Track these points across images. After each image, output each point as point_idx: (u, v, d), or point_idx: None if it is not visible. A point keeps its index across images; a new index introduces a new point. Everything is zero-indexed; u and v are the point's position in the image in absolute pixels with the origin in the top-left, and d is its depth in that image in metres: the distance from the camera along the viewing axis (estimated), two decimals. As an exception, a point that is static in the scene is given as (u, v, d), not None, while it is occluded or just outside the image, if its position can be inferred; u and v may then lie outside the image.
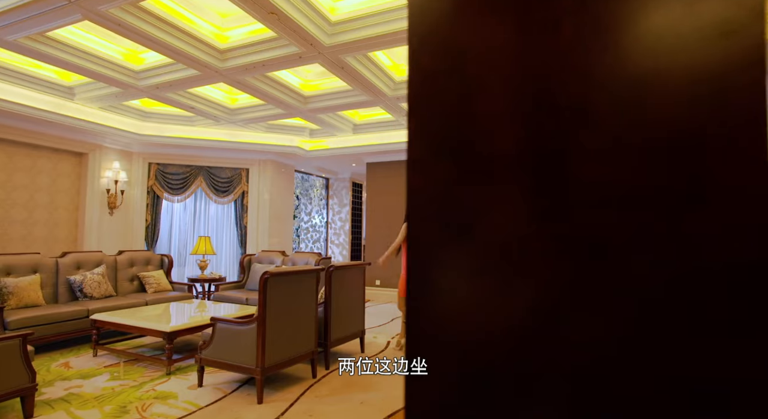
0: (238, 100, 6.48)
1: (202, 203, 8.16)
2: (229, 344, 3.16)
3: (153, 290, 5.50)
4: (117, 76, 4.96)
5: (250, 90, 5.34)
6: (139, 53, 5.00)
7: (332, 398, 3.16)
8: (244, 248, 8.02)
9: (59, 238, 6.42)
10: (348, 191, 10.43)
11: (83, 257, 5.09)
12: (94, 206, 6.72)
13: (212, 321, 3.24)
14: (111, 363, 3.93)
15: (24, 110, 5.34)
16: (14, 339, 2.66)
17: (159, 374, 3.61)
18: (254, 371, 3.02)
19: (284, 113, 6.32)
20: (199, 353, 3.30)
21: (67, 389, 3.24)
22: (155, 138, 7.03)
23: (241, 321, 3.13)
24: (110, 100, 5.77)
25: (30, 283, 4.34)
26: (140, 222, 7.39)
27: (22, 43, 4.14)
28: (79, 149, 6.57)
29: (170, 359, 3.60)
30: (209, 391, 3.24)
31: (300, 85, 5.74)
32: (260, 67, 4.63)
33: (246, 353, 3.06)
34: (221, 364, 3.20)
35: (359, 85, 5.17)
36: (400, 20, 3.79)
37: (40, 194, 6.16)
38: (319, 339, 3.69)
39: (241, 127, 7.19)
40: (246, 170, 8.14)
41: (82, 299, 4.81)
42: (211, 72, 4.77)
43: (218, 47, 4.47)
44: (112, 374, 3.60)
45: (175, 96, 5.71)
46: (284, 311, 3.24)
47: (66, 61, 4.49)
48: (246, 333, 3.07)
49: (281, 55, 4.36)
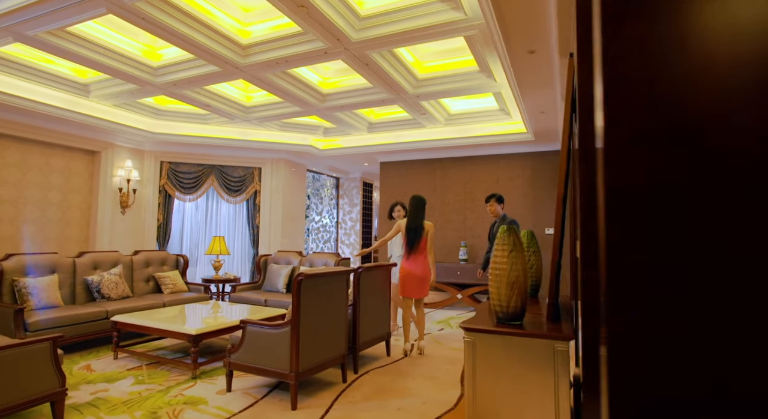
0: (253, 98, 6.38)
1: (213, 203, 8.06)
2: (261, 348, 3.05)
3: (169, 290, 5.40)
4: (134, 72, 4.86)
5: (269, 87, 5.24)
6: (157, 49, 4.91)
7: (367, 404, 3.06)
8: (256, 249, 7.91)
9: (71, 237, 6.32)
10: (359, 190, 10.33)
11: (100, 257, 4.99)
12: (106, 205, 6.62)
13: (242, 324, 3.14)
14: (133, 366, 3.83)
15: (38, 107, 5.24)
16: (44, 342, 2.56)
17: (184, 378, 3.51)
18: (288, 376, 2.92)
19: (301, 111, 6.21)
20: (228, 357, 3.20)
21: (94, 393, 3.14)
22: (168, 136, 6.92)
23: (273, 324, 3.03)
24: (126, 97, 5.67)
25: (49, 283, 4.24)
26: (152, 222, 7.28)
27: (41, 38, 4.03)
28: (92, 147, 6.47)
29: (196, 362, 3.50)
30: (239, 396, 3.14)
31: (318, 82, 5.64)
32: (283, 63, 4.53)
33: (279, 357, 2.96)
34: (252, 369, 3.10)
35: (381, 82, 5.06)
36: (431, 15, 3.68)
37: (53, 193, 6.06)
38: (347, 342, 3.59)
39: (256, 125, 7.09)
40: (258, 169, 8.03)
41: (100, 299, 4.71)
42: (231, 68, 4.66)
43: (240, 43, 4.37)
44: (137, 377, 3.50)
45: (192, 93, 5.60)
46: (317, 314, 3.14)
47: (84, 56, 4.39)
48: (279, 337, 2.97)
49: (305, 51, 4.26)
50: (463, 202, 7.56)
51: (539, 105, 4.91)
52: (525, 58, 3.62)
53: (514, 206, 7.21)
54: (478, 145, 7.11)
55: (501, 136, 6.80)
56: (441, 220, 7.68)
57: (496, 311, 2.05)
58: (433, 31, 3.80)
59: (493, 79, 4.97)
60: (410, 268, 4.39)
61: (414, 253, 4.42)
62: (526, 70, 3.85)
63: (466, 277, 6.98)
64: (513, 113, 6.33)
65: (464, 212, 7.53)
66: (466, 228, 7.49)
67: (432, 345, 4.71)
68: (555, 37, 3.06)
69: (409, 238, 4.50)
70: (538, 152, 7.11)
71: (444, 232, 7.63)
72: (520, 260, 2.00)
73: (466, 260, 7.19)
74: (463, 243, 7.28)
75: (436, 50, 4.93)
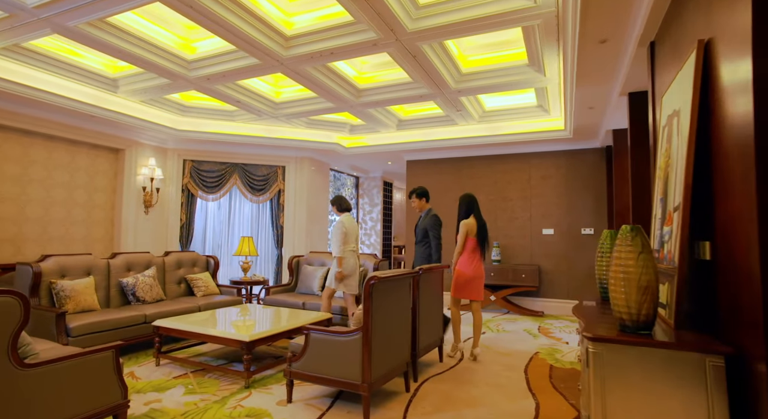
0: (282, 94, 6.19)
1: (236, 202, 7.87)
2: (327, 356, 2.86)
3: (202, 293, 5.21)
4: (168, 65, 4.66)
5: (306, 81, 5.05)
6: (192, 42, 4.72)
7: (440, 415, 2.87)
8: (280, 249, 7.72)
9: (96, 238, 6.13)
10: (379, 190, 10.14)
11: (133, 258, 4.80)
12: (130, 204, 6.43)
13: (305, 331, 2.94)
14: (178, 373, 3.64)
15: (67, 102, 5.05)
16: (107, 351, 2.37)
17: (237, 387, 3.32)
18: (359, 386, 2.73)
19: (333, 107, 6.02)
20: (289, 366, 3.01)
21: (148, 404, 2.95)
22: (192, 134, 6.73)
23: (341, 331, 2.83)
24: (154, 92, 5.48)
25: (85, 286, 4.05)
26: (175, 222, 7.09)
27: (80, 30, 3.84)
28: (117, 144, 6.28)
29: (249, 371, 3.30)
30: (302, 408, 2.95)
31: (354, 77, 5.44)
32: (327, 55, 4.34)
33: (348, 366, 2.77)
34: (316, 378, 2.91)
35: (424, 77, 4.88)
36: (495, 3, 3.49)
37: (79, 192, 5.87)
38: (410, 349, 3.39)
39: (282, 122, 6.90)
40: (282, 168, 7.84)
41: (134, 303, 4.52)
42: (272, 61, 4.47)
43: (284, 33, 4.18)
44: (187, 387, 3.31)
45: (224, 88, 5.42)
46: (386, 320, 2.95)
47: (121, 48, 4.20)
48: (348, 345, 2.78)
49: (353, 42, 4.07)
50: (494, 202, 7.37)
51: (590, 100, 4.72)
52: (594, 49, 3.43)
53: (546, 205, 7.02)
54: (511, 143, 6.92)
55: (535, 133, 6.61)
56: (471, 220, 7.47)
57: (622, 319, 1.85)
58: (496, 21, 3.61)
59: (542, 73, 4.77)
60: (480, 269, 4.29)
61: (478, 253, 4.30)
62: (591, 61, 3.65)
63: (499, 278, 6.79)
64: (552, 110, 6.14)
65: (495, 212, 7.33)
66: (497, 228, 7.29)
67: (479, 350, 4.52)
68: (640, 24, 2.86)
69: (481, 237, 4.36)
70: (574, 150, 6.91)
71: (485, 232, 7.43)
72: (650, 263, 1.81)
73: (500, 261, 7.00)
74: (495, 244, 7.08)
75: (481, 43, 4.73)
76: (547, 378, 3.61)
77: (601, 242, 2.90)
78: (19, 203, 5.17)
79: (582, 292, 6.69)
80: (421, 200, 4.81)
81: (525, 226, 7.15)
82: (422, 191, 4.83)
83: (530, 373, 3.76)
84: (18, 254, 5.04)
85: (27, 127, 5.13)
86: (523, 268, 6.70)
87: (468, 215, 4.43)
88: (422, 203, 4.82)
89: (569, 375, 3.69)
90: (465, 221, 4.40)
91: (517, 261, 7.09)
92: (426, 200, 4.84)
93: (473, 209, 4.46)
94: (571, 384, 3.45)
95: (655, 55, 2.99)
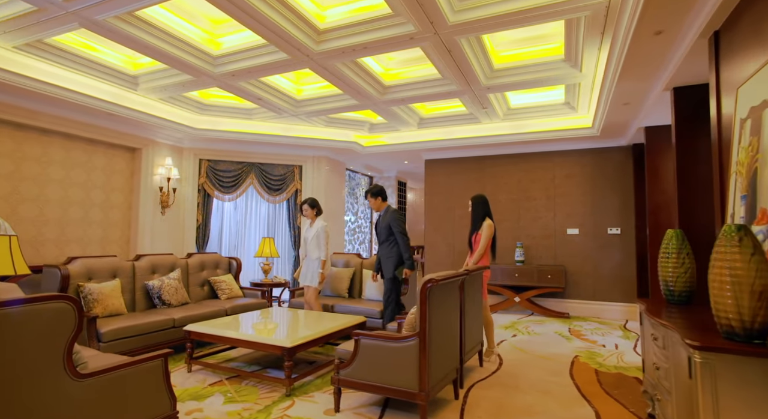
0: (303, 91, 6.05)
1: (252, 202, 7.73)
2: (379, 363, 2.72)
3: (226, 296, 5.06)
4: (194, 61, 4.53)
5: (333, 77, 4.91)
6: (217, 37, 4.58)
7: (498, 425, 2.73)
8: (297, 250, 7.57)
9: (113, 239, 5.98)
10: (394, 190, 10.00)
11: (157, 260, 4.65)
12: (147, 204, 6.29)
13: (355, 337, 2.80)
14: (213, 380, 3.49)
15: (86, 100, 4.91)
16: (158, 359, 2.22)
17: (277, 395, 3.17)
18: (416, 395, 2.58)
19: (357, 105, 5.88)
20: (336, 373, 2.86)
21: (190, 413, 2.81)
22: (209, 132, 6.59)
23: (396, 336, 2.69)
24: (175, 89, 5.34)
25: (112, 289, 3.90)
26: (191, 222, 6.94)
27: (108, 24, 3.70)
28: (133, 143, 6.13)
29: (290, 378, 3.16)
30: (351, 418, 2.80)
31: (380, 73, 5.31)
32: (360, 50, 4.20)
33: (403, 373, 2.63)
34: (367, 386, 2.76)
35: (455, 72, 4.74)
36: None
37: (96, 192, 5.73)
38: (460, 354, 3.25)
39: (301, 121, 6.76)
40: (299, 167, 7.70)
41: (160, 306, 4.37)
42: (301, 56, 4.34)
43: (317, 27, 4.04)
44: (225, 395, 3.16)
45: (247, 85, 5.27)
46: (440, 324, 2.81)
47: (147, 43, 4.06)
48: (403, 351, 2.63)
49: (389, 36, 3.93)
50: (517, 201, 7.23)
51: (628, 96, 4.58)
52: (647, 41, 3.29)
53: (572, 204, 6.89)
54: (535, 141, 6.79)
55: (561, 131, 6.48)
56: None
57: (729, 326, 1.71)
58: (542, 13, 3.48)
59: (578, 69, 4.64)
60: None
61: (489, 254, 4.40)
62: (641, 54, 3.52)
63: (523, 279, 6.65)
64: (581, 107, 6.01)
65: (518, 211, 7.20)
66: (520, 228, 7.16)
67: (516, 354, 4.38)
68: (706, 13, 2.73)
69: (494, 238, 4.38)
70: (599, 148, 6.78)
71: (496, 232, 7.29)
72: (765, 266, 1.67)
73: (523, 261, 6.86)
74: (518, 244, 6.95)
75: (515, 38, 4.59)
76: (597, 384, 3.48)
77: (666, 242, 2.76)
78: (38, 204, 5.02)
79: (609, 293, 6.56)
80: (376, 199, 4.68)
81: (549, 226, 7.01)
82: (377, 189, 4.71)
83: (577, 378, 3.62)
84: (37, 256, 4.90)
85: (46, 125, 4.99)
86: (549, 269, 6.56)
87: (485, 216, 4.36)
88: (378, 202, 4.68)
89: (619, 381, 3.55)
90: (490, 222, 4.35)
91: (541, 262, 6.95)
92: (383, 200, 4.71)
93: (489, 210, 4.44)
94: (624, 390, 3.31)
95: (719, 46, 2.85)
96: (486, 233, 4.27)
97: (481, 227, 4.33)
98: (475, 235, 4.40)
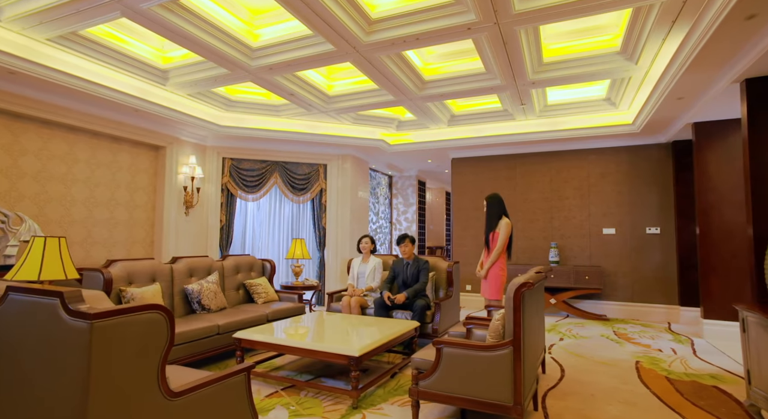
0: (334, 87, 5.83)
1: (276, 202, 7.50)
2: (465, 373, 2.51)
3: (262, 300, 4.84)
4: (233, 53, 4.32)
5: (374, 71, 4.70)
6: (256, 28, 4.36)
7: (594, 440, 2.52)
8: (322, 252, 7.36)
9: (137, 240, 5.75)
10: (414, 189, 9.79)
11: (194, 262, 4.43)
12: (171, 204, 6.05)
13: (437, 346, 2.58)
14: (267, 391, 3.27)
15: (113, 95, 4.67)
16: (240, 374, 2.00)
17: (343, 407, 2.96)
18: (510, 409, 2.37)
19: (393, 101, 5.67)
20: (415, 384, 2.65)
21: (258, 431, 2.58)
22: (233, 130, 6.36)
23: (484, 345, 2.48)
24: (206, 84, 5.11)
25: (153, 293, 3.68)
26: (215, 223, 6.72)
27: (151, 12, 3.48)
28: (158, 141, 5.90)
29: (357, 389, 2.94)
30: (433, 431, 2.59)
31: (420, 68, 5.10)
32: (412, 41, 3.99)
33: (494, 385, 2.42)
34: (451, 398, 2.55)
35: (504, 66, 4.55)
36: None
37: (120, 192, 5.49)
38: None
39: (330, 117, 6.54)
40: (324, 166, 7.48)
41: (200, 311, 4.15)
42: (348, 48, 4.13)
43: (370, 17, 3.83)
44: (288, 407, 2.94)
45: (282, 80, 5.06)
46: (530, 331, 2.60)
47: (188, 34, 3.84)
48: (495, 360, 2.42)
49: (446, 26, 3.73)
50: (549, 200, 7.04)
51: (686, 90, 4.39)
52: (735, 26, 3.09)
53: (606, 204, 6.70)
54: (569, 139, 6.60)
55: (598, 128, 6.29)
56: (523, 220, 7.15)
57: None
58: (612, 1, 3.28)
59: (634, 61, 4.44)
60: None
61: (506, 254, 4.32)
62: (724, 41, 3.32)
63: (559, 280, 6.45)
64: (623, 103, 5.82)
65: (551, 211, 7.00)
66: (553, 228, 6.96)
67: (572, 359, 4.19)
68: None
69: (511, 236, 4.29)
70: (636, 146, 6.59)
71: (527, 232, 7.10)
72: None
73: (558, 262, 6.66)
74: (553, 244, 6.75)
75: (566, 30, 4.40)
76: (676, 393, 3.27)
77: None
78: (65, 204, 4.79)
79: (649, 295, 6.36)
80: (413, 245, 4.93)
81: (583, 225, 6.82)
82: (413, 238, 4.96)
83: (651, 386, 3.42)
84: (64, 258, 4.66)
85: (73, 122, 4.76)
86: (586, 269, 6.37)
87: (501, 215, 4.26)
88: (412, 249, 4.89)
89: (698, 390, 3.35)
90: (507, 221, 4.24)
91: (576, 262, 6.76)
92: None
93: (504, 208, 4.35)
94: (712, 401, 3.11)
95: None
96: (504, 232, 4.15)
97: (498, 225, 4.19)
98: (492, 234, 4.24)
